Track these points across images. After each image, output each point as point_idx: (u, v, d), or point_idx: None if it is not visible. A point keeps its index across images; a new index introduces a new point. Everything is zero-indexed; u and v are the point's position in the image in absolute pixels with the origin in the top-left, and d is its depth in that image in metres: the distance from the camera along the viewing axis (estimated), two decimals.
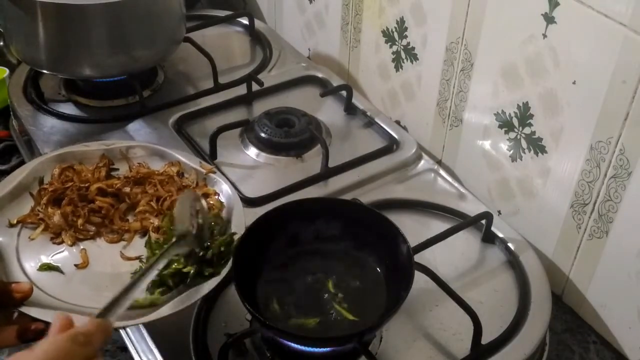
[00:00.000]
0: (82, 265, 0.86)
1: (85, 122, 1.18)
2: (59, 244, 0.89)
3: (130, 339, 0.92)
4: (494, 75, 1.01)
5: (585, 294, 0.99)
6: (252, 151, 1.13)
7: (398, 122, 1.24)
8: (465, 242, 1.00)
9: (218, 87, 1.26)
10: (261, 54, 1.38)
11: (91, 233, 0.90)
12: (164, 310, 0.77)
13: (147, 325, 0.87)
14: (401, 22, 1.16)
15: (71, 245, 0.88)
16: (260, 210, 0.96)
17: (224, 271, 0.81)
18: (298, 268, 0.89)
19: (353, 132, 1.19)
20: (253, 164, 1.11)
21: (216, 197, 0.94)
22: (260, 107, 1.21)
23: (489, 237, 1.00)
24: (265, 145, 1.13)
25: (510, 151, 1.03)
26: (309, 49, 1.45)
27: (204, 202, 0.84)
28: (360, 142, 1.17)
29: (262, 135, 1.13)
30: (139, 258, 0.87)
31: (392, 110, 1.26)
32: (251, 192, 1.04)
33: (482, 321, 0.84)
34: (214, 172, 0.97)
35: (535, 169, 1.00)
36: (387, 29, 1.20)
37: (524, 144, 1.00)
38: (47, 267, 0.85)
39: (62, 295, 0.81)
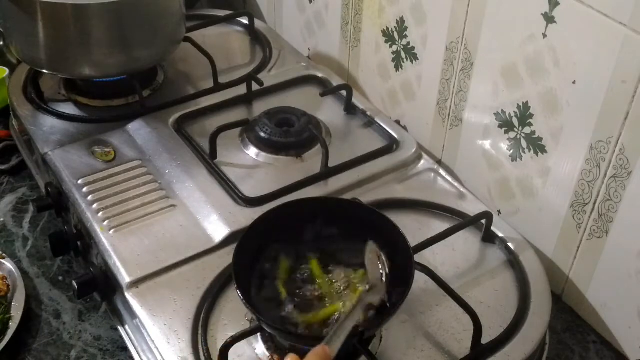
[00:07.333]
0: None
1: (85, 122, 1.18)
2: None
3: (130, 339, 0.92)
4: (494, 75, 1.01)
5: (585, 293, 0.99)
6: (252, 151, 1.13)
7: (398, 122, 1.24)
8: (465, 242, 1.00)
9: (218, 87, 1.25)
10: (261, 54, 1.37)
11: None
12: None
13: (147, 326, 0.87)
14: (401, 22, 1.16)
15: None
16: (260, 210, 0.96)
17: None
18: (297, 268, 0.89)
19: (353, 132, 1.19)
20: (253, 164, 1.11)
21: (3, 281, 1.02)
22: (260, 107, 1.21)
23: (488, 237, 1.00)
24: (265, 145, 1.13)
25: (510, 151, 1.03)
26: (309, 49, 1.45)
27: None
28: (360, 141, 1.16)
29: (262, 135, 1.13)
30: None
31: (392, 110, 1.26)
32: (251, 192, 1.04)
33: (482, 321, 0.84)
34: (4, 258, 1.04)
35: (535, 169, 1.00)
36: (387, 28, 1.20)
37: (524, 143, 1.00)
38: None
39: None
